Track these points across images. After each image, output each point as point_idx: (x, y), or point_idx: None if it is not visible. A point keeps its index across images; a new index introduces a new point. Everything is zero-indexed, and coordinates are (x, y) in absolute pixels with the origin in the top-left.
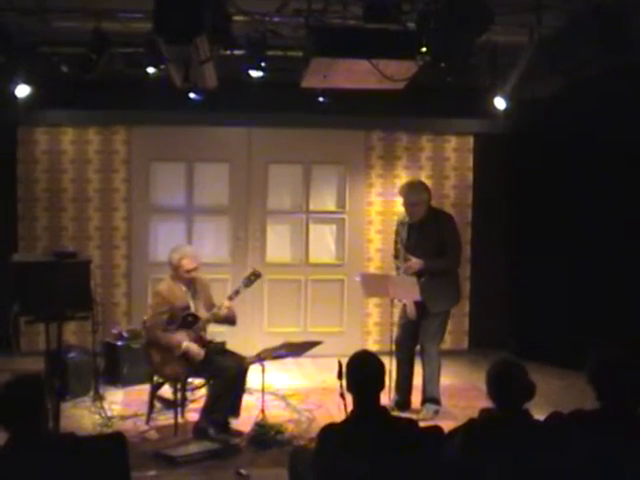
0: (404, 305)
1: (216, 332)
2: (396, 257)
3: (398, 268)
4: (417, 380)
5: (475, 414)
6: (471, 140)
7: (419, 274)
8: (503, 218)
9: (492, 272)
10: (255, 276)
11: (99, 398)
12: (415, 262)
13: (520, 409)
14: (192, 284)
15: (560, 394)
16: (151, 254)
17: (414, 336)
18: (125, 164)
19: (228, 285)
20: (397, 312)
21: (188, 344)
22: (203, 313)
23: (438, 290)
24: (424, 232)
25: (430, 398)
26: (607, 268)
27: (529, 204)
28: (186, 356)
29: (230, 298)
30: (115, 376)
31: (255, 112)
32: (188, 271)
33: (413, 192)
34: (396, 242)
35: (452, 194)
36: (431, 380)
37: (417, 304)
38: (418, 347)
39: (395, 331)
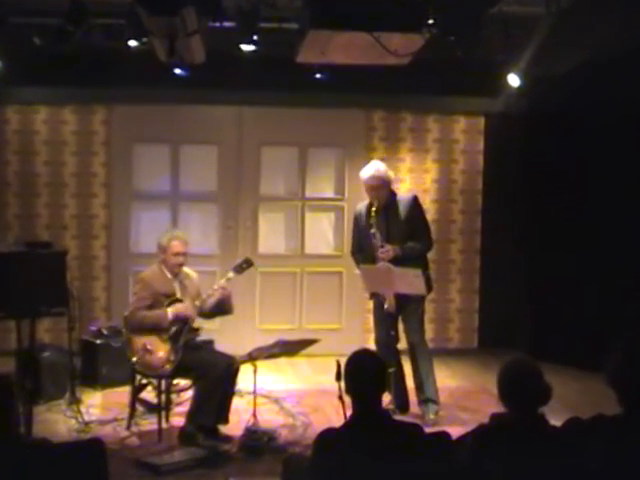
0: (379, 299)
1: (204, 330)
2: (355, 253)
3: (358, 261)
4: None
5: (485, 419)
6: (482, 121)
7: (392, 262)
8: (516, 206)
9: (504, 264)
10: (247, 264)
11: (75, 401)
12: (391, 249)
13: (535, 414)
14: (180, 273)
15: (578, 397)
16: (133, 245)
17: (395, 332)
18: (104, 146)
19: (217, 278)
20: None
21: (172, 308)
22: (191, 303)
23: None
24: (391, 217)
25: (429, 398)
26: (632, 262)
27: (545, 191)
28: (178, 321)
29: (227, 280)
30: (93, 377)
31: (246, 90)
32: (177, 254)
33: (375, 175)
34: (355, 236)
35: (461, 180)
36: (427, 378)
37: (396, 295)
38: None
39: (374, 329)
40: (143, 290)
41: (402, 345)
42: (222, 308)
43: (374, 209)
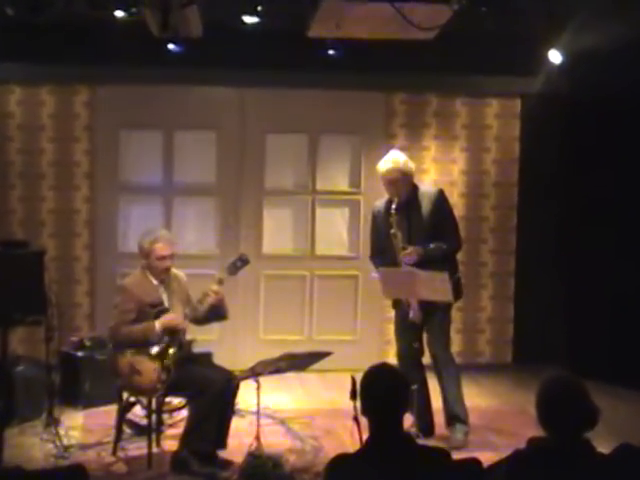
0: (403, 306)
1: (200, 342)
2: (375, 255)
3: (378, 265)
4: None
5: (521, 444)
6: (518, 103)
7: (416, 264)
8: (557, 201)
9: (542, 268)
10: (242, 262)
11: (54, 422)
12: (414, 250)
13: (579, 439)
14: (167, 278)
15: (629, 421)
16: (120, 244)
17: (420, 344)
18: (87, 131)
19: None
20: None
21: (160, 320)
22: (180, 311)
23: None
24: (414, 214)
25: (456, 418)
26: None
27: (591, 183)
28: (167, 333)
29: (219, 282)
30: (74, 395)
31: (249, 68)
32: (161, 258)
33: (395, 167)
34: (373, 237)
35: (493, 170)
36: (455, 395)
37: (420, 304)
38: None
39: (396, 341)
40: (126, 301)
41: (427, 359)
42: (216, 314)
43: (394, 206)
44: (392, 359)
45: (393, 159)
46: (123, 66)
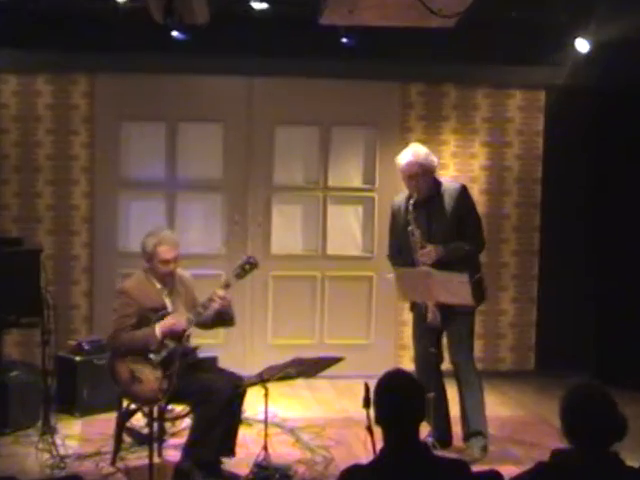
0: (420, 309)
1: (204, 346)
2: (394, 255)
3: (395, 266)
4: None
5: (544, 456)
6: (542, 95)
7: (435, 265)
8: (583, 199)
9: (568, 269)
10: (250, 265)
11: (50, 431)
12: (433, 249)
13: (606, 451)
14: (170, 281)
15: None
16: (120, 242)
17: (439, 350)
18: (87, 123)
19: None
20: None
21: (160, 323)
22: (183, 315)
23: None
24: (435, 211)
25: (475, 431)
26: None
27: (620, 179)
28: (168, 337)
29: (225, 286)
30: (71, 402)
31: (258, 57)
32: (165, 262)
33: (416, 161)
34: (392, 235)
35: (516, 166)
36: (475, 406)
37: (439, 305)
38: None
39: (413, 346)
40: (126, 306)
41: (447, 366)
42: (221, 320)
43: (412, 202)
44: (408, 365)
45: (413, 152)
46: (125, 54)
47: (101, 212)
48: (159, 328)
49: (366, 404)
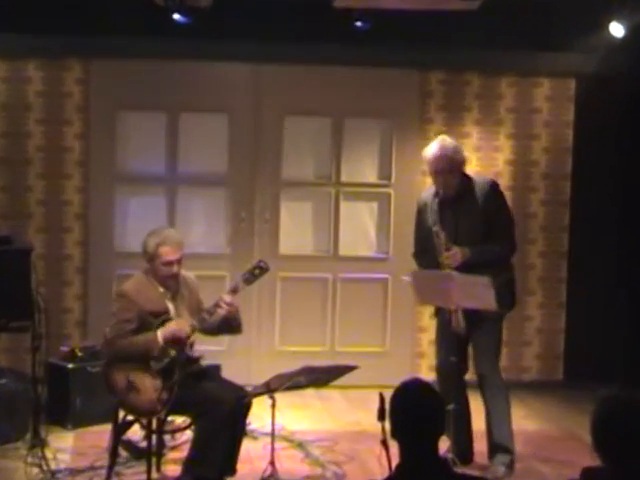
0: (443, 313)
1: (206, 353)
2: (419, 255)
3: (420, 267)
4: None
5: (574, 474)
6: (572, 84)
7: (463, 268)
8: (616, 196)
9: (599, 271)
10: (260, 269)
11: (39, 444)
12: (459, 251)
13: None
14: (174, 284)
15: None
16: (117, 241)
17: (463, 358)
18: (81, 113)
19: (225, 285)
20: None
21: (162, 329)
22: (187, 320)
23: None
24: (463, 209)
25: (500, 446)
26: None
27: None
28: (171, 345)
29: (233, 291)
30: (63, 412)
31: (266, 42)
32: (168, 263)
33: (444, 156)
34: (418, 234)
35: (543, 161)
36: (500, 420)
37: (465, 310)
38: None
39: (436, 354)
40: (125, 310)
41: (471, 376)
42: (227, 327)
43: (437, 200)
44: (426, 374)
45: (442, 145)
46: (122, 38)
47: (96, 208)
48: (161, 334)
49: (381, 416)
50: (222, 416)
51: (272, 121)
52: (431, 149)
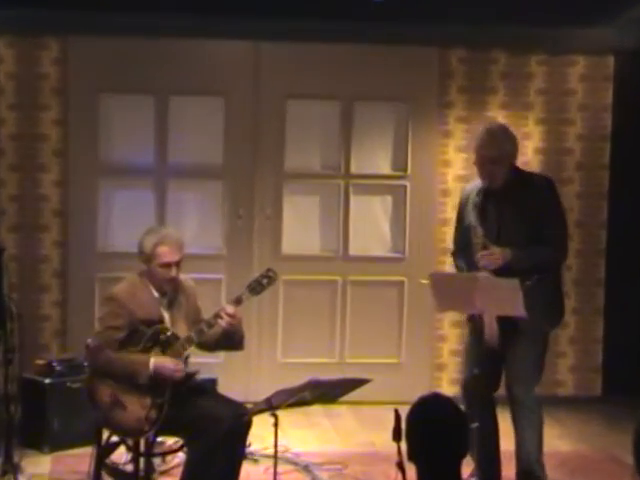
0: (475, 321)
1: (201, 365)
2: (458, 253)
3: (461, 269)
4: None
5: None
6: (610, 62)
7: (503, 272)
8: None
9: None
10: (269, 279)
11: (12, 468)
12: (498, 252)
13: None
14: (171, 289)
15: None
16: (100, 240)
17: (495, 374)
18: (58, 96)
19: (222, 290)
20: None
21: (158, 359)
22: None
23: (536, 297)
24: (509, 206)
25: (529, 472)
26: None
27: None
28: (158, 379)
29: (236, 301)
30: (39, 434)
31: (266, 17)
32: (166, 265)
33: (493, 142)
34: (458, 230)
35: (578, 149)
36: (530, 444)
37: (500, 323)
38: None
39: (463, 368)
40: (115, 316)
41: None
42: (227, 342)
43: (476, 193)
44: (447, 388)
45: (490, 130)
46: (104, 13)
47: (76, 204)
48: (154, 364)
49: (397, 436)
50: (218, 436)
51: (273, 105)
52: (479, 136)
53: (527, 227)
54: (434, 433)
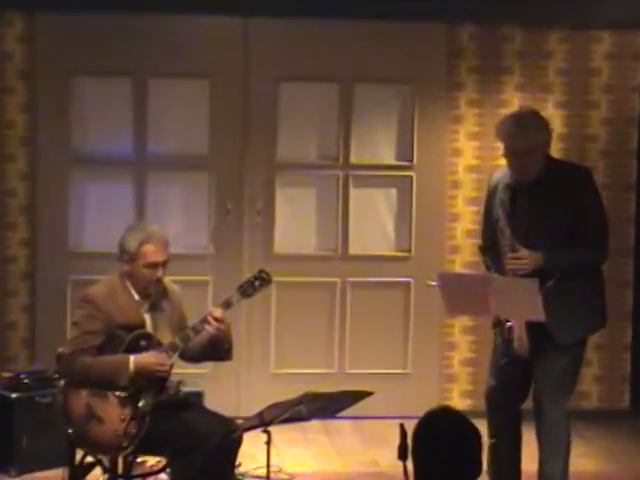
0: (505, 329)
1: (187, 376)
2: (486, 249)
3: (489, 268)
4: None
5: None
6: (639, 38)
7: (536, 276)
8: None
9: None
10: (262, 281)
11: None
12: (528, 256)
13: None
14: (155, 292)
15: None
16: (73, 238)
17: (522, 387)
18: (24, 79)
19: (208, 293)
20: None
21: (138, 356)
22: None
23: (571, 305)
24: (542, 203)
25: None
26: None
27: None
28: (141, 380)
29: (226, 305)
30: (6, 454)
31: None
32: (152, 265)
33: (522, 132)
34: (486, 224)
35: (603, 134)
36: (555, 461)
37: (531, 329)
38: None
39: (487, 377)
40: (91, 319)
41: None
42: (214, 351)
43: (502, 186)
44: (457, 402)
45: (518, 118)
46: None
47: (45, 199)
48: (134, 362)
49: (403, 454)
50: (205, 455)
51: (265, 89)
52: (504, 124)
53: (562, 227)
54: (444, 451)
